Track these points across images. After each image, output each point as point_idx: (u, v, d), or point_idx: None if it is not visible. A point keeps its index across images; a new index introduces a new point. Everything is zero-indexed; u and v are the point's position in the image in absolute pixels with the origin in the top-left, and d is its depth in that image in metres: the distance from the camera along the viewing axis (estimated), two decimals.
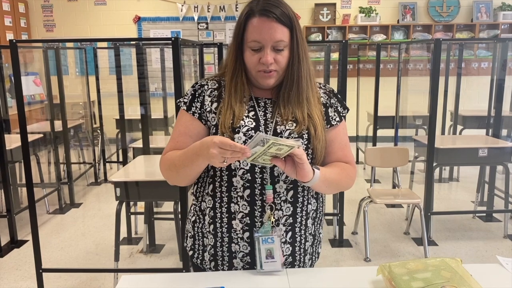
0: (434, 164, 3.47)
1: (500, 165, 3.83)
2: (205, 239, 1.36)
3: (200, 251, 1.38)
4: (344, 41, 3.33)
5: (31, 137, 3.76)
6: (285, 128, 1.27)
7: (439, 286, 1.07)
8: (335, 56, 6.07)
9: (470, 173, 5.20)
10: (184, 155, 1.24)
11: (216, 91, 1.33)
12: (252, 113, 1.29)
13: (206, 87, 1.34)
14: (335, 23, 6.92)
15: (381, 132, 4.98)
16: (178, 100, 1.37)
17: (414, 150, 4.03)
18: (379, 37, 6.86)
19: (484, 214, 4.08)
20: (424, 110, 5.25)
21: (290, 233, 1.31)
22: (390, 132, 4.94)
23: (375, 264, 3.15)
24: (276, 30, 1.21)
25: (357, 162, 5.98)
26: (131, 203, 3.74)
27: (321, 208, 1.41)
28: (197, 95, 1.33)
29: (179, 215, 2.73)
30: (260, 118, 1.28)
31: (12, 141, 3.81)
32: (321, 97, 1.36)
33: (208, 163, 1.22)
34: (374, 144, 4.80)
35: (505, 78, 3.86)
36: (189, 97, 1.34)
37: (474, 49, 6.88)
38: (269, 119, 1.29)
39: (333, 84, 3.74)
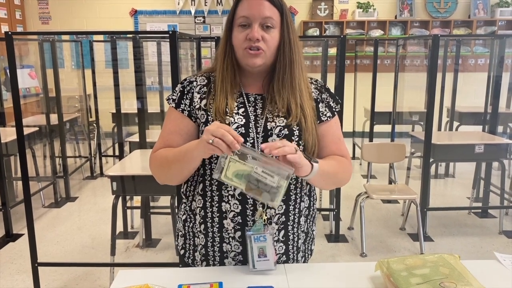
0: (431, 160, 3.48)
1: (496, 162, 3.85)
2: (196, 238, 1.34)
3: (191, 251, 1.37)
4: (342, 36, 3.32)
5: (26, 130, 3.73)
6: (275, 124, 1.24)
7: (438, 282, 1.07)
8: (332, 51, 6.06)
9: (466, 169, 5.22)
10: (178, 150, 1.23)
11: (205, 87, 1.30)
12: (242, 109, 1.27)
13: (195, 83, 1.31)
14: (332, 18, 6.90)
15: (377, 128, 4.98)
16: (167, 97, 1.34)
17: (410, 146, 4.04)
18: (376, 33, 6.85)
19: (480, 210, 4.10)
20: (420, 106, 5.27)
21: (282, 232, 1.30)
22: (386, 128, 4.94)
23: (371, 259, 3.17)
24: (265, 7, 1.21)
25: (354, 157, 5.99)
26: (127, 197, 3.73)
27: (313, 205, 1.40)
28: (186, 92, 1.31)
29: (176, 210, 2.73)
30: (250, 115, 1.26)
31: (7, 134, 3.78)
32: (312, 92, 1.33)
33: (202, 157, 1.19)
34: (371, 140, 4.80)
35: (502, 75, 3.87)
36: (177, 94, 1.31)
37: (471, 46, 6.89)
38: (259, 116, 1.26)
39: (331, 79, 3.74)
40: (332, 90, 1.40)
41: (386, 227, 3.79)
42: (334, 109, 1.35)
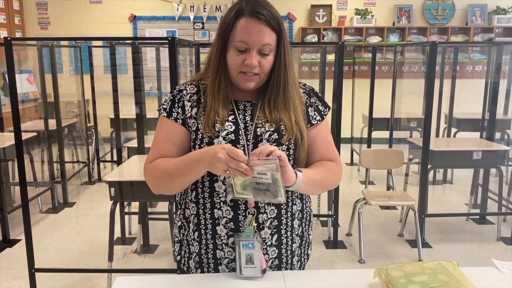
0: (429, 167, 3.48)
1: (493, 168, 3.85)
2: (190, 246, 1.35)
3: (186, 258, 1.38)
4: (340, 42, 3.33)
5: (24, 136, 3.72)
6: (265, 129, 1.25)
7: None
8: (330, 57, 6.09)
9: (464, 176, 5.22)
10: (181, 163, 1.22)
11: (195, 96, 1.31)
12: (232, 116, 1.27)
13: (184, 92, 1.32)
14: (331, 25, 6.93)
15: (376, 134, 4.99)
16: (158, 108, 1.35)
17: (408, 152, 4.04)
18: (374, 39, 6.88)
19: (478, 217, 4.10)
20: (418, 113, 5.28)
21: (276, 236, 1.30)
22: (384, 134, 4.95)
23: (369, 265, 3.17)
24: (265, 34, 1.20)
25: (352, 163, 5.99)
26: (125, 203, 3.72)
27: (307, 208, 1.40)
28: (176, 101, 1.31)
29: (174, 215, 2.72)
30: (240, 122, 1.27)
31: (5, 139, 3.78)
32: (301, 96, 1.35)
33: (207, 170, 1.19)
34: (369, 146, 4.81)
35: (499, 82, 3.88)
36: (168, 103, 1.32)
37: (468, 52, 6.92)
38: (248, 122, 1.27)
39: (329, 85, 3.76)
40: (331, 96, 1.41)
41: (384, 234, 3.79)
42: (323, 113, 1.36)
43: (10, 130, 3.93)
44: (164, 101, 1.34)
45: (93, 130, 5.50)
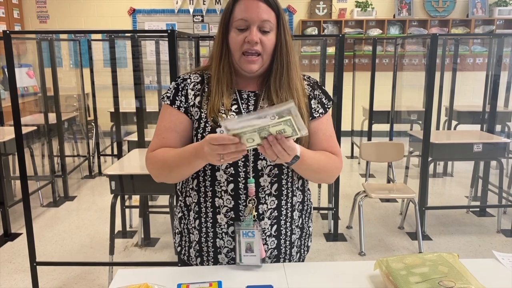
0: (429, 159, 3.48)
1: (494, 160, 3.85)
2: (191, 235, 1.36)
3: (186, 248, 1.38)
4: (340, 35, 3.31)
5: (24, 130, 3.72)
6: None
7: (437, 281, 1.07)
8: (331, 50, 6.08)
9: (464, 168, 5.23)
10: (179, 156, 1.22)
11: (199, 85, 1.31)
12: (235, 106, 1.28)
13: (188, 80, 1.32)
14: (331, 17, 6.90)
15: (376, 127, 4.99)
16: (162, 96, 1.35)
17: (409, 145, 4.04)
18: (375, 32, 6.85)
19: (478, 209, 4.11)
20: (419, 105, 5.28)
21: (275, 226, 1.30)
22: (385, 127, 4.95)
23: (370, 258, 3.18)
24: (264, 10, 1.21)
25: (352, 156, 5.99)
26: (126, 196, 3.73)
27: (307, 200, 1.40)
28: (180, 89, 1.31)
29: (174, 208, 2.73)
30: (243, 111, 1.27)
31: (6, 133, 3.77)
32: (305, 88, 1.35)
33: (206, 163, 1.19)
34: (369, 139, 4.81)
35: (500, 74, 3.87)
36: (172, 91, 1.32)
37: (469, 45, 6.90)
38: (251, 112, 1.28)
39: (329, 78, 3.74)
40: (331, 89, 1.41)
41: (384, 226, 3.80)
42: (326, 106, 1.36)
43: (10, 124, 3.93)
44: (168, 90, 1.34)
45: (93, 124, 5.50)
